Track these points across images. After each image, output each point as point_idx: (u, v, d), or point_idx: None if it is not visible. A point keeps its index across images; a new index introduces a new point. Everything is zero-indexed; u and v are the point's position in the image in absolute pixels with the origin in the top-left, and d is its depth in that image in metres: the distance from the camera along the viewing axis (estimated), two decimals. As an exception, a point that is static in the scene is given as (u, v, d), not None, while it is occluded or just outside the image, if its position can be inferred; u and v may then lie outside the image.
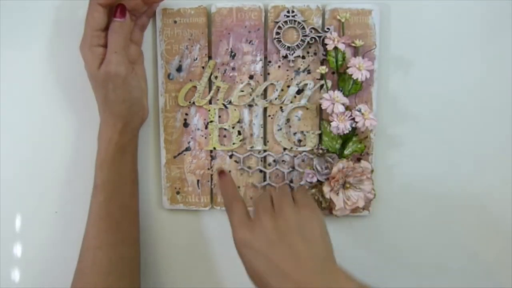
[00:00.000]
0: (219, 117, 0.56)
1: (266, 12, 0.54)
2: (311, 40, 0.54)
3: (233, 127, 0.56)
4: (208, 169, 0.57)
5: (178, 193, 0.58)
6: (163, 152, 0.58)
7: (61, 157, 0.59)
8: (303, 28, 0.54)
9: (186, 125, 0.57)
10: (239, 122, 0.56)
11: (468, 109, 0.56)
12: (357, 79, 0.52)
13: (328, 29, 0.53)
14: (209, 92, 0.56)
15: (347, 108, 0.53)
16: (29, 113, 0.59)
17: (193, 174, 0.58)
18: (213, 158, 0.57)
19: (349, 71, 0.52)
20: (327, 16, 0.54)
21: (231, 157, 0.57)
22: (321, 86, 0.55)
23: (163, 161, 0.58)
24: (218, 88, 0.56)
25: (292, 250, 0.44)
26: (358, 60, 0.52)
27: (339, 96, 0.52)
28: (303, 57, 0.55)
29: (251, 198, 0.57)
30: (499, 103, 0.56)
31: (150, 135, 0.59)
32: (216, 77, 0.56)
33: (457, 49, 0.55)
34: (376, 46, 0.54)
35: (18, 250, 0.61)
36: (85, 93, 0.56)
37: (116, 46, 0.50)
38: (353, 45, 0.53)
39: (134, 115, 0.54)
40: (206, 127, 0.57)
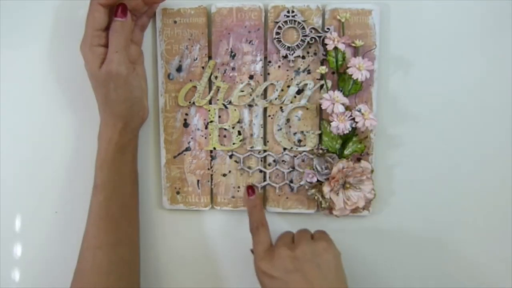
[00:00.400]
0: (219, 117, 0.56)
1: (266, 12, 0.54)
2: (311, 40, 0.54)
3: (233, 127, 0.56)
4: (208, 169, 0.57)
5: (178, 193, 0.58)
6: (163, 152, 0.58)
7: (61, 157, 0.59)
8: (303, 28, 0.54)
9: (186, 125, 0.57)
10: (239, 122, 0.56)
11: (468, 109, 0.56)
12: (357, 79, 0.52)
13: (328, 29, 0.53)
14: (209, 92, 0.56)
15: (347, 108, 0.53)
16: (29, 113, 0.59)
17: (193, 174, 0.58)
18: (213, 158, 0.57)
19: (349, 71, 0.52)
20: (327, 16, 0.54)
21: (231, 157, 0.57)
22: (321, 86, 0.55)
23: (163, 161, 0.58)
24: (218, 88, 0.56)
25: (307, 278, 0.48)
26: (358, 60, 0.52)
27: (339, 96, 0.52)
28: (303, 57, 0.55)
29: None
30: (499, 103, 0.56)
31: (150, 135, 0.59)
32: (216, 77, 0.56)
33: (457, 49, 0.55)
34: (376, 46, 0.54)
35: (18, 250, 0.61)
36: (85, 93, 0.56)
37: (118, 45, 0.50)
38: (353, 45, 0.53)
39: (134, 115, 0.54)
40: (206, 127, 0.57)
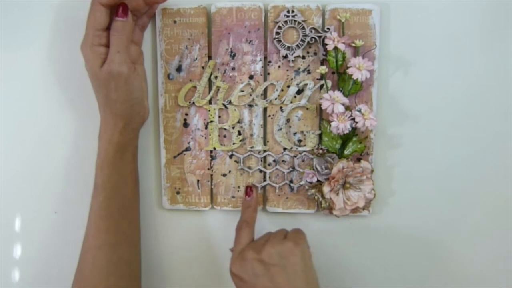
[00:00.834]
0: (219, 117, 0.56)
1: (266, 12, 0.54)
2: (311, 40, 0.54)
3: (233, 127, 0.56)
4: (208, 169, 0.57)
5: (178, 193, 0.58)
6: (163, 152, 0.58)
7: (61, 157, 0.59)
8: (303, 28, 0.54)
9: (186, 125, 0.57)
10: (239, 122, 0.56)
11: (468, 109, 0.56)
12: (357, 79, 0.52)
13: (328, 29, 0.53)
14: (209, 92, 0.56)
15: (347, 108, 0.53)
16: (29, 113, 0.59)
17: (193, 174, 0.58)
18: (213, 158, 0.57)
19: (349, 71, 0.52)
20: (327, 16, 0.54)
21: (231, 157, 0.57)
22: (321, 86, 0.55)
23: (163, 161, 0.58)
24: (218, 88, 0.56)
25: (274, 281, 0.48)
26: (358, 60, 0.52)
27: (339, 96, 0.52)
28: (303, 57, 0.55)
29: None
30: (499, 103, 0.56)
31: (150, 135, 0.59)
32: (216, 77, 0.55)
33: (457, 49, 0.55)
34: (376, 46, 0.54)
35: (18, 250, 0.61)
36: (85, 93, 0.56)
37: (119, 45, 0.50)
38: (353, 45, 0.53)
39: (135, 115, 0.54)
40: (206, 127, 0.57)
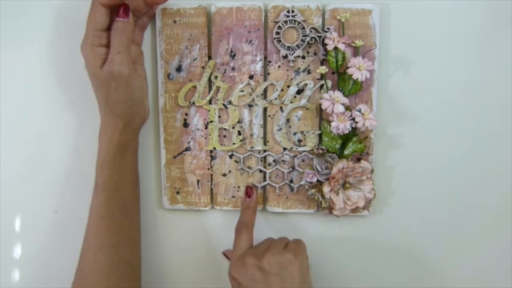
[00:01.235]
0: (219, 117, 0.56)
1: (266, 12, 0.54)
2: (311, 40, 0.54)
3: (233, 127, 0.56)
4: (208, 169, 0.57)
5: (178, 193, 0.58)
6: (163, 152, 0.58)
7: (61, 157, 0.59)
8: (303, 28, 0.54)
9: (186, 125, 0.57)
10: (239, 122, 0.56)
11: (468, 109, 0.56)
12: (357, 79, 0.52)
13: (328, 29, 0.53)
14: (209, 92, 0.56)
15: (347, 108, 0.53)
16: (29, 113, 0.59)
17: (193, 174, 0.58)
18: (213, 158, 0.57)
19: (349, 71, 0.52)
20: (327, 16, 0.54)
21: (231, 157, 0.57)
22: (321, 86, 0.55)
23: (163, 161, 0.58)
24: (218, 88, 0.56)
25: None
26: (358, 60, 0.52)
27: (339, 96, 0.52)
28: (303, 57, 0.55)
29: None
30: (499, 102, 0.56)
31: (150, 135, 0.59)
32: (216, 77, 0.55)
33: (457, 49, 0.55)
34: (376, 46, 0.54)
35: (18, 250, 0.61)
36: (85, 93, 0.56)
37: (119, 46, 0.50)
38: (353, 45, 0.53)
39: (135, 115, 0.54)
40: (206, 127, 0.57)
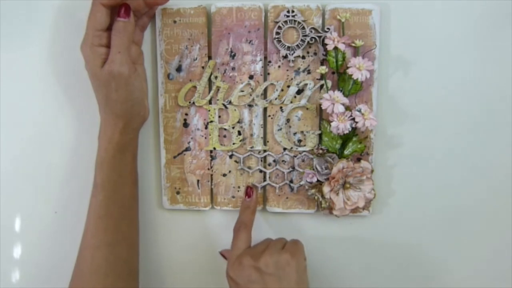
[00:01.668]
0: (219, 117, 0.56)
1: (266, 12, 0.54)
2: (311, 40, 0.54)
3: (233, 127, 0.56)
4: (208, 169, 0.57)
5: (178, 193, 0.58)
6: (163, 152, 0.58)
7: (61, 157, 0.59)
8: (303, 28, 0.54)
9: (186, 125, 0.57)
10: (239, 122, 0.56)
11: (468, 109, 0.56)
12: (357, 79, 0.52)
13: (328, 29, 0.53)
14: (209, 92, 0.56)
15: (347, 108, 0.53)
16: (29, 113, 0.59)
17: (193, 174, 0.58)
18: (213, 158, 0.57)
19: (349, 71, 0.52)
20: (327, 16, 0.54)
21: (231, 157, 0.57)
22: (321, 86, 0.55)
23: (163, 161, 0.58)
24: (218, 88, 0.56)
25: None
26: (358, 60, 0.52)
27: (339, 96, 0.52)
28: (303, 57, 0.55)
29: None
30: (499, 102, 0.56)
31: (150, 135, 0.59)
32: (216, 77, 0.55)
33: (457, 49, 0.55)
34: (376, 46, 0.54)
35: (18, 250, 0.61)
36: (85, 93, 0.56)
37: (120, 46, 0.50)
38: (353, 45, 0.53)
39: (135, 115, 0.53)
40: (206, 127, 0.57)
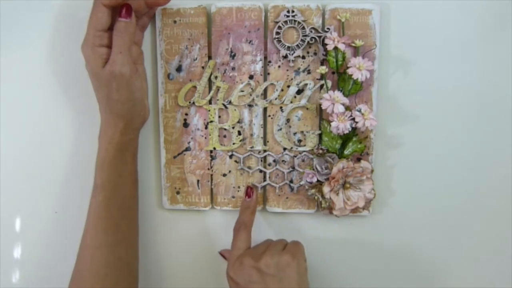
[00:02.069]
0: (219, 117, 0.56)
1: (266, 12, 0.54)
2: (311, 40, 0.54)
3: (233, 127, 0.56)
4: (208, 169, 0.57)
5: (178, 193, 0.58)
6: (163, 152, 0.58)
7: (61, 157, 0.59)
8: (303, 28, 0.54)
9: (186, 125, 0.57)
10: (239, 122, 0.56)
11: (468, 109, 0.56)
12: (357, 79, 0.52)
13: (328, 29, 0.53)
14: (209, 92, 0.56)
15: (347, 108, 0.53)
16: (29, 113, 0.59)
17: (193, 174, 0.58)
18: (213, 158, 0.57)
19: (349, 71, 0.52)
20: (327, 16, 0.54)
21: (231, 157, 0.57)
22: (321, 86, 0.55)
23: (163, 161, 0.58)
24: (218, 88, 0.56)
25: None
26: (358, 60, 0.52)
27: (339, 96, 0.52)
28: (303, 57, 0.55)
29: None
30: (499, 102, 0.56)
31: (150, 135, 0.59)
32: (216, 77, 0.55)
33: (457, 49, 0.55)
34: (376, 46, 0.54)
35: (18, 250, 0.61)
36: (85, 93, 0.56)
37: (121, 46, 0.50)
38: (353, 45, 0.53)
39: (135, 115, 0.53)
40: (206, 127, 0.57)
